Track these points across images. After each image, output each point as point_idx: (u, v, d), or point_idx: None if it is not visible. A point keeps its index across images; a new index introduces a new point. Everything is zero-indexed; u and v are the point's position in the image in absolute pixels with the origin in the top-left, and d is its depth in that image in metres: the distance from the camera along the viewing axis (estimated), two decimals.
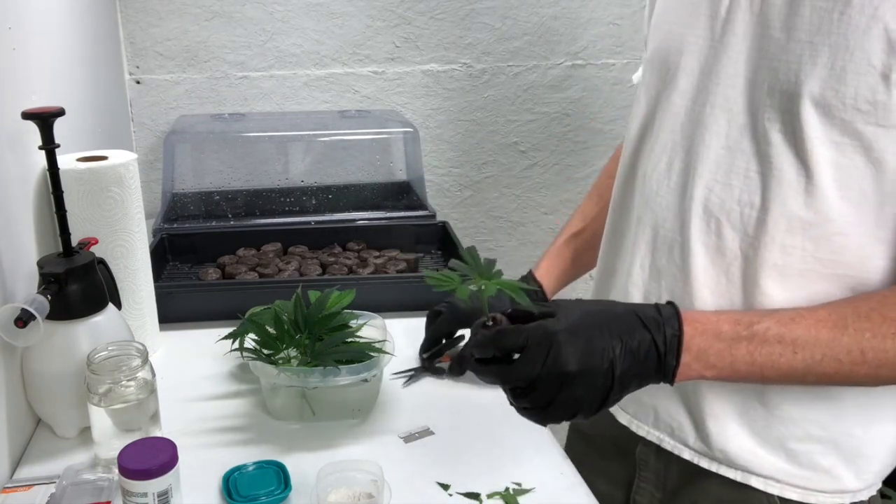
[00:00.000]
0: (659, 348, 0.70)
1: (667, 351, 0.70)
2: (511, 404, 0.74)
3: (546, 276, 1.13)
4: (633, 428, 0.92)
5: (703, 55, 0.81)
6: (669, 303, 0.75)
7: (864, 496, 0.82)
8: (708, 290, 0.81)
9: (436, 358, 1.12)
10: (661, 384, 0.73)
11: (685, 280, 0.82)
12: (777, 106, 0.74)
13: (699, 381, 0.78)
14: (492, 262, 0.76)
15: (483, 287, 0.73)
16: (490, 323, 0.73)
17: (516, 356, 0.70)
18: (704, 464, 0.85)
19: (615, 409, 0.94)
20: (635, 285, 0.88)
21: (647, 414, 0.89)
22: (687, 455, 0.86)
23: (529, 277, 1.13)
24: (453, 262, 0.77)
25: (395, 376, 1.09)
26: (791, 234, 0.75)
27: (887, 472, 0.84)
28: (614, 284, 0.95)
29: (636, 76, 1.09)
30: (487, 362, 0.72)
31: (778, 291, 0.77)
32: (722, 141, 0.79)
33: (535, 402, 0.71)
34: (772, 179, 0.76)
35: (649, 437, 0.90)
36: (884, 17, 0.68)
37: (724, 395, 0.82)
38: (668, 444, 0.88)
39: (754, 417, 0.81)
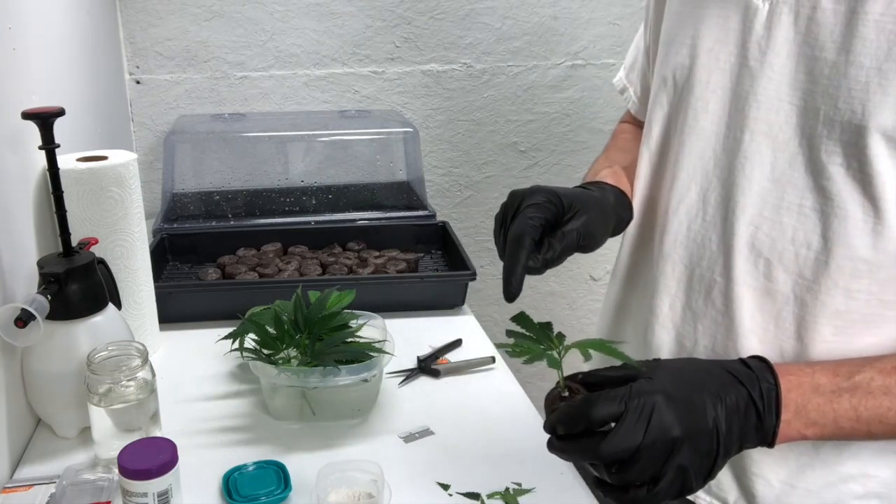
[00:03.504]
0: (757, 404, 0.63)
1: (765, 407, 0.63)
2: (603, 489, 0.64)
3: (619, 185, 0.90)
4: None
5: (736, 75, 0.75)
6: (757, 357, 0.67)
7: None
8: (755, 336, 0.76)
9: (432, 359, 1.13)
10: (760, 448, 0.65)
11: (728, 325, 0.77)
12: (838, 138, 0.67)
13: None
14: (548, 326, 0.69)
15: (562, 352, 0.66)
16: (566, 394, 0.65)
17: (607, 426, 0.61)
18: None
19: None
20: (664, 327, 0.83)
21: None
22: None
23: (596, 185, 0.87)
24: (516, 344, 0.69)
25: (391, 375, 1.09)
26: (856, 278, 0.69)
27: None
28: (632, 322, 0.90)
29: (617, 80, 1.03)
30: (575, 437, 0.62)
31: (838, 338, 0.71)
32: (767, 172, 0.73)
33: (640, 476, 0.60)
34: (833, 218, 0.69)
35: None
36: None
37: (776, 453, 0.72)
38: (704, 500, 0.82)
39: (811, 477, 0.75)
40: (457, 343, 1.18)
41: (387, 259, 1.39)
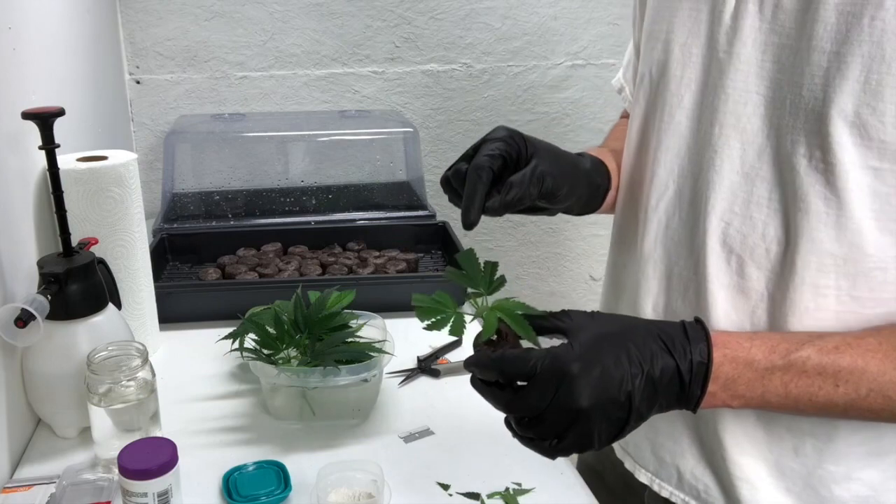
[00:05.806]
0: (683, 377, 0.63)
1: (692, 380, 0.63)
2: (513, 433, 0.67)
3: (601, 157, 0.90)
4: (656, 488, 0.83)
5: (705, 68, 0.74)
6: (698, 320, 0.66)
7: None
8: None
9: (432, 359, 1.13)
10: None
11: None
12: (802, 126, 0.65)
13: (724, 438, 0.74)
14: (493, 266, 0.68)
15: (483, 316, 0.66)
16: (494, 337, 0.66)
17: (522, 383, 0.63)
18: None
19: (634, 468, 0.86)
20: None
21: (669, 475, 0.81)
22: None
23: (589, 157, 0.88)
24: (450, 271, 0.69)
25: (391, 375, 1.09)
26: (823, 274, 0.67)
27: None
28: None
29: (615, 80, 1.03)
30: (490, 384, 0.65)
31: None
32: (736, 166, 0.71)
33: (543, 435, 0.63)
34: (797, 212, 0.67)
35: (673, 499, 0.82)
36: None
37: (755, 454, 0.74)
38: None
39: (792, 479, 0.74)
40: (457, 343, 1.18)
41: (387, 259, 1.39)
